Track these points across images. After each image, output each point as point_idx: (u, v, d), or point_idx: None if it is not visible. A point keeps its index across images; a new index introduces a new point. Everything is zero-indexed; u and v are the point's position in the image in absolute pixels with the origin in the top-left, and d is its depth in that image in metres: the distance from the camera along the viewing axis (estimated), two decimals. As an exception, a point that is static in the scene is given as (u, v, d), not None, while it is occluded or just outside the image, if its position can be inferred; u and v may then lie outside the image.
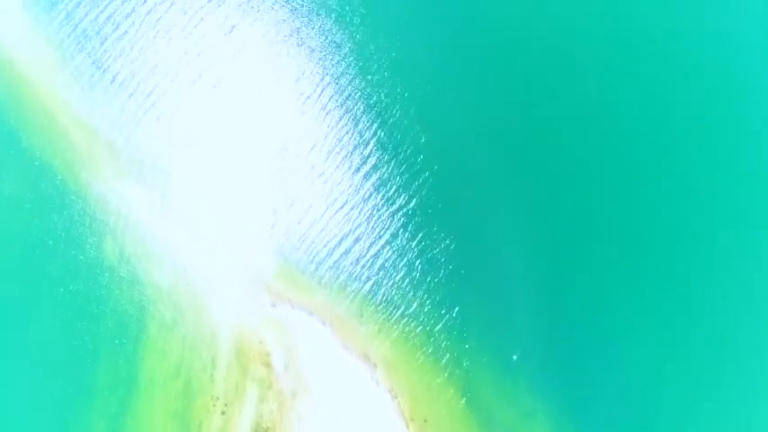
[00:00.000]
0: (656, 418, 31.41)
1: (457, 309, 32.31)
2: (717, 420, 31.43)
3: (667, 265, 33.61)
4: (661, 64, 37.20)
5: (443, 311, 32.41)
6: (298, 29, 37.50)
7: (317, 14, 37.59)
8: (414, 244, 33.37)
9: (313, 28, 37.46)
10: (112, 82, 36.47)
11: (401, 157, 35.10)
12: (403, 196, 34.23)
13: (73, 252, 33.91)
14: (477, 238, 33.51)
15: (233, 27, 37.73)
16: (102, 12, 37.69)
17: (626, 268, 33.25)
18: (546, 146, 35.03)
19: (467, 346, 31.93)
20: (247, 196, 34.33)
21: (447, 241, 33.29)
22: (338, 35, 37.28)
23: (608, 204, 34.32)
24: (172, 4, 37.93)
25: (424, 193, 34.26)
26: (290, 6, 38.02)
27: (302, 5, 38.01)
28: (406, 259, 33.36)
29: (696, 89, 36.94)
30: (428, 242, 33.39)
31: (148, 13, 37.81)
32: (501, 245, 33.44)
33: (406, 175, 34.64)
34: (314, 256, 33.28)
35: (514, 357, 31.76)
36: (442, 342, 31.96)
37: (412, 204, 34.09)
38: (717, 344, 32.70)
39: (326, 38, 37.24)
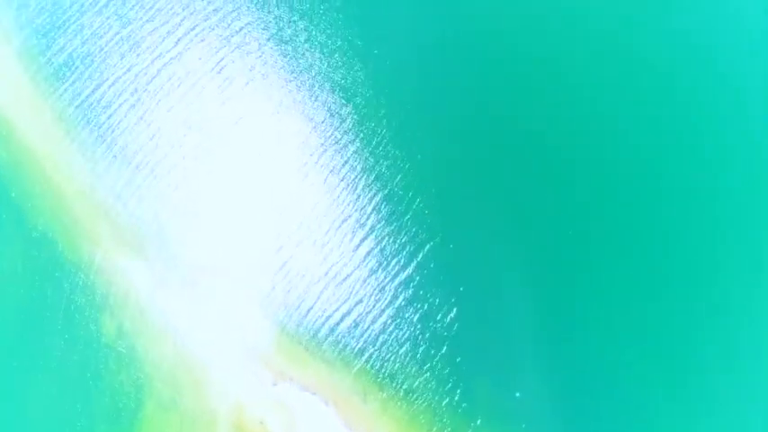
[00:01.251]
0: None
1: (463, 384, 31.57)
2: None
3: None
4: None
5: (449, 387, 31.64)
6: (300, 100, 38.04)
7: (321, 87, 38.22)
8: (417, 317, 32.89)
9: (316, 100, 38.01)
10: (115, 153, 36.70)
11: (403, 228, 35.01)
12: (405, 268, 33.96)
13: (70, 325, 33.36)
14: (482, 311, 33.07)
15: (233, 96, 38.23)
16: (107, 84, 38.26)
17: (638, 343, 32.72)
18: (552, 222, 35.06)
19: (474, 423, 31.05)
20: (248, 269, 34.03)
21: (451, 314, 32.84)
22: (342, 107, 37.79)
23: (616, 277, 34.10)
24: (174, 77, 38.51)
25: (426, 264, 34.01)
26: (293, 78, 38.66)
27: (306, 77, 38.65)
28: (409, 333, 32.81)
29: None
30: (432, 315, 32.92)
31: (150, 83, 38.34)
32: (508, 319, 32.99)
33: (408, 247, 34.46)
34: (315, 331, 32.73)
35: (523, 434, 30.91)
36: (449, 420, 31.08)
37: (414, 276, 33.78)
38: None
39: (329, 109, 37.74)
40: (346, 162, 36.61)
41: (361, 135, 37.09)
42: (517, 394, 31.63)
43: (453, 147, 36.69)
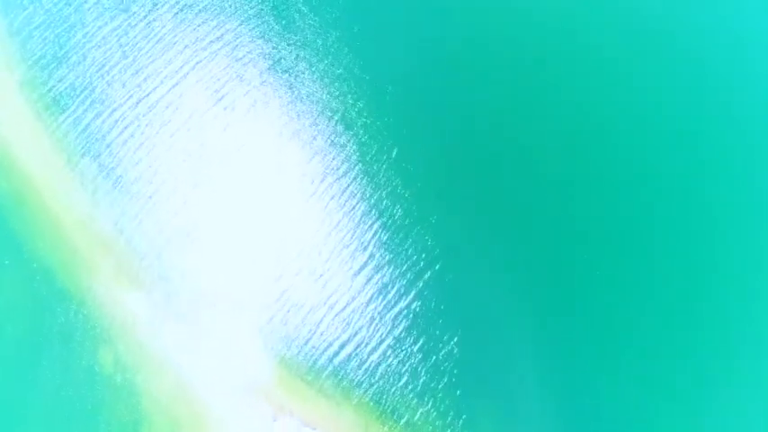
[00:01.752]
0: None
1: (464, 416, 31.30)
2: None
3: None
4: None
5: (450, 419, 31.37)
6: (300, 128, 38.23)
7: (321, 115, 38.43)
8: (416, 348, 32.73)
9: (317, 128, 38.21)
10: (114, 182, 36.73)
11: (402, 256, 34.99)
12: (405, 298, 33.87)
13: (68, 358, 33.09)
14: (483, 341, 32.93)
15: (234, 124, 38.39)
16: (107, 113, 38.43)
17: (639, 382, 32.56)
18: (553, 251, 35.08)
19: (475, 456, 30.77)
20: (247, 299, 33.89)
21: (451, 345, 32.69)
22: (341, 136, 37.97)
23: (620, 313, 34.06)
24: (174, 105, 38.70)
25: (426, 294, 33.92)
26: (293, 107, 38.89)
27: (306, 106, 38.87)
28: (409, 365, 32.61)
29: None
30: (432, 345, 32.77)
31: (150, 112, 38.45)
32: (509, 349, 32.83)
33: (407, 276, 34.41)
34: (315, 363, 32.53)
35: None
36: (450, 453, 30.80)
37: (414, 307, 33.68)
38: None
39: (329, 137, 37.92)
40: (345, 190, 36.69)
41: (361, 163, 37.21)
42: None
43: (453, 175, 36.84)
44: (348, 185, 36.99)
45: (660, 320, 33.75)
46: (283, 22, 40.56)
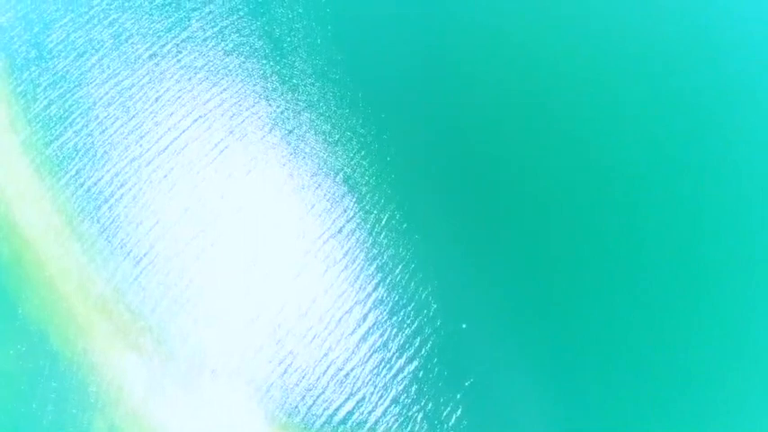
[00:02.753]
0: None
1: (467, 485, 30.46)
2: None
3: None
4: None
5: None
6: (302, 189, 38.45)
7: (324, 176, 38.72)
8: (422, 416, 32.03)
9: (318, 189, 38.44)
10: (113, 245, 36.53)
11: (406, 320, 34.68)
12: (409, 363, 33.38)
13: (60, 423, 32.15)
14: (490, 408, 32.30)
15: (235, 185, 38.56)
16: (109, 174, 38.58)
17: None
18: (562, 316, 34.93)
19: None
20: (246, 365, 33.29)
21: (457, 413, 32.02)
22: (344, 197, 38.17)
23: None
24: (175, 167, 38.92)
25: (430, 358, 33.47)
26: (295, 167, 39.19)
27: (308, 167, 39.17)
28: (409, 428, 31.85)
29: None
30: (437, 413, 32.08)
31: (152, 174, 38.61)
32: (516, 416, 32.17)
33: (411, 340, 34.01)
34: (312, 425, 31.70)
35: None
36: None
37: (418, 371, 33.16)
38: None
39: (331, 198, 38.11)
40: (347, 252, 36.63)
41: (363, 225, 37.30)
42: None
43: (454, 236, 36.90)
44: (350, 247, 36.94)
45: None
46: (286, 84, 41.35)
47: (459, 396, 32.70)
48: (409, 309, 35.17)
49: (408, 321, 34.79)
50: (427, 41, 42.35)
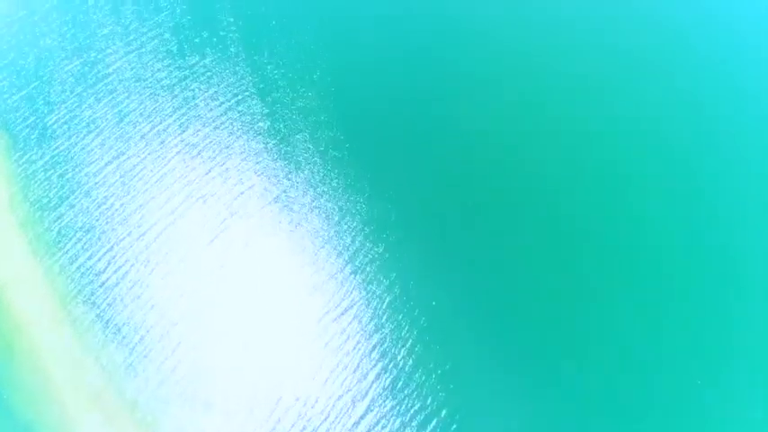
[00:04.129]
0: None
1: None
2: None
3: None
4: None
5: None
6: (301, 267, 37.89)
7: (324, 253, 38.28)
8: None
9: (317, 266, 37.90)
10: (107, 327, 35.47)
11: (405, 402, 33.51)
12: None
13: None
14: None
15: (231, 262, 37.96)
16: (105, 254, 37.95)
17: None
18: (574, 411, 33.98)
19: None
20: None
21: None
22: (343, 274, 37.63)
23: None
24: (170, 244, 38.37)
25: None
26: (293, 243, 38.79)
27: (308, 243, 38.77)
28: None
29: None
30: None
31: (147, 251, 37.95)
32: None
33: (411, 424, 32.71)
34: None
35: None
36: None
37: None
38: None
39: (331, 276, 37.53)
40: (344, 331, 35.73)
41: (363, 302, 36.60)
42: None
43: (460, 317, 36.21)
44: (347, 325, 36.09)
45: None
46: (289, 162, 41.53)
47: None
48: (409, 389, 34.04)
49: (408, 403, 33.60)
50: (431, 122, 42.92)
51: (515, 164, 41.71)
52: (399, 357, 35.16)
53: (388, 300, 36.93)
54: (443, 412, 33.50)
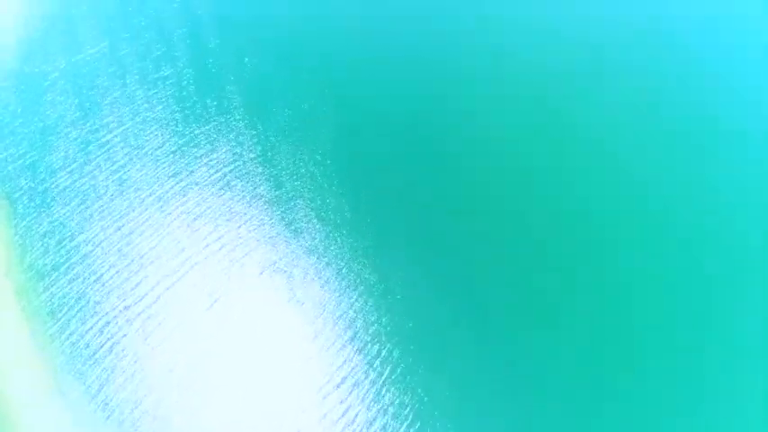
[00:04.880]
0: None
1: None
2: None
3: None
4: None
5: None
6: (298, 335, 36.99)
7: (324, 322, 37.47)
8: None
9: (315, 333, 37.01)
10: (97, 402, 34.27)
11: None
12: None
13: None
14: None
15: (227, 330, 37.09)
16: (98, 322, 37.15)
17: None
18: None
19: None
20: None
21: None
22: (344, 345, 36.68)
23: None
24: (165, 313, 37.64)
25: None
26: (292, 312, 38.03)
27: (307, 312, 38.00)
28: None
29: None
30: None
31: (142, 320, 37.20)
32: None
33: None
34: None
35: None
36: None
37: None
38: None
39: (330, 345, 36.59)
40: (348, 409, 34.42)
41: (361, 371, 35.49)
42: None
43: (460, 391, 34.98)
44: (346, 397, 34.84)
45: None
46: (288, 229, 41.35)
47: None
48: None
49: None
50: (433, 192, 42.89)
51: (523, 228, 41.59)
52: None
53: (388, 370, 35.82)
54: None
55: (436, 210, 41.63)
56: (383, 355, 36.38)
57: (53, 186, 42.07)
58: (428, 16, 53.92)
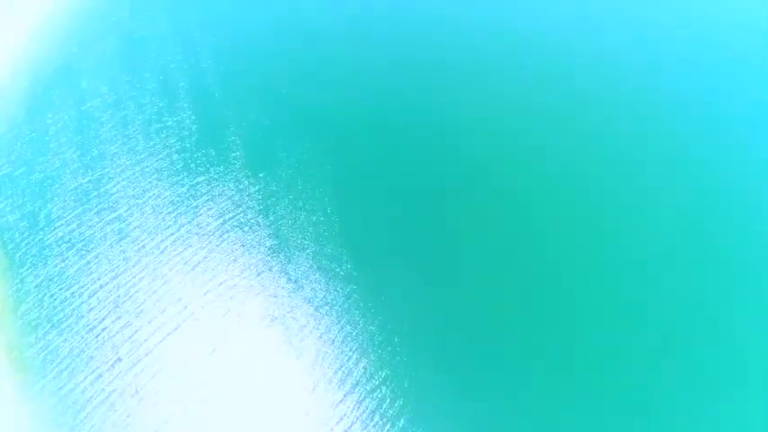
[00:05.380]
0: None
1: None
2: None
3: None
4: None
5: None
6: (299, 390, 35.82)
7: (321, 373, 36.37)
8: None
9: (315, 389, 35.84)
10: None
11: None
12: None
13: None
14: None
15: (222, 388, 35.96)
16: (89, 375, 36.08)
17: None
18: None
19: None
20: None
21: None
22: (342, 399, 35.48)
23: None
24: (161, 368, 36.56)
25: None
26: (292, 366, 37.03)
27: (305, 364, 36.99)
28: None
29: None
30: None
31: (134, 378, 36.13)
32: None
33: None
34: None
35: None
36: None
37: None
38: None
39: (329, 401, 35.39)
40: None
41: (359, 422, 34.17)
42: None
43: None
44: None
45: None
46: (289, 280, 40.67)
47: None
48: None
49: None
50: (438, 245, 42.30)
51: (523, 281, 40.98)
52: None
53: (388, 426, 34.55)
54: None
55: (438, 261, 41.09)
56: (383, 409, 35.14)
57: (51, 236, 41.64)
58: (432, 65, 54.82)
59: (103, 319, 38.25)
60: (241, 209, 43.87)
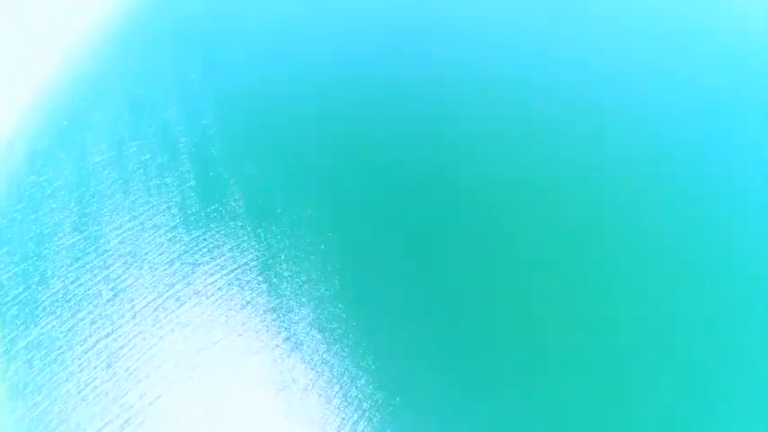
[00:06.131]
0: None
1: None
2: None
3: None
4: None
5: None
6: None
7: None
8: None
9: (311, 422, 34.34)
10: None
11: None
12: None
13: None
14: None
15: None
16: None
17: None
18: None
19: None
20: None
21: None
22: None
23: None
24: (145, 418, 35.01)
25: None
26: (291, 425, 35.38)
27: (305, 423, 35.42)
28: None
29: None
30: None
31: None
32: None
33: None
34: None
35: None
36: None
37: None
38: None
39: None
40: None
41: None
42: None
43: None
44: None
45: None
46: (285, 339, 39.61)
47: None
48: None
49: None
50: (442, 305, 41.53)
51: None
52: None
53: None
54: None
55: (444, 322, 40.22)
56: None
57: (44, 297, 40.70)
58: (437, 120, 55.47)
59: (94, 381, 36.91)
60: (240, 267, 43.18)
